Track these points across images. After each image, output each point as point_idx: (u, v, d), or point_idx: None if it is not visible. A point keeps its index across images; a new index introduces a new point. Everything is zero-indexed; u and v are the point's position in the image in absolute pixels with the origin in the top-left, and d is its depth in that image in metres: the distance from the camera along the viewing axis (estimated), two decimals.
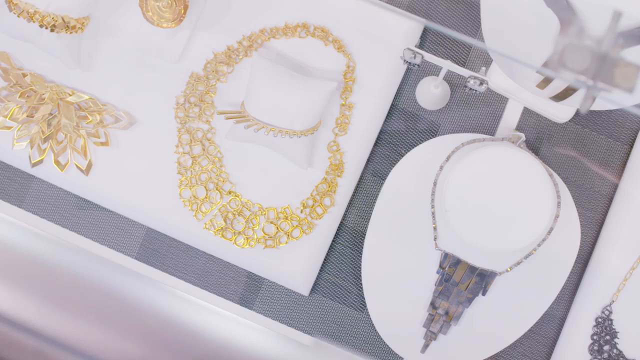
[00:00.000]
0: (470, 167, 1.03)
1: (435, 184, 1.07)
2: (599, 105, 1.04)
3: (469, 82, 1.02)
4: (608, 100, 1.00)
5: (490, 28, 1.02)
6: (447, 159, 1.07)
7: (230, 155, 1.13)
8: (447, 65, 1.02)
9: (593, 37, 0.84)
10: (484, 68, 1.02)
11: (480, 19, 1.04)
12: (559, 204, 1.05)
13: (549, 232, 1.05)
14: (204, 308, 1.12)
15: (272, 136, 1.07)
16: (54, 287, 1.07)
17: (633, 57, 0.96)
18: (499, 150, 1.04)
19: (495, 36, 1.02)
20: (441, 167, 1.07)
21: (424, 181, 1.09)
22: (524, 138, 1.10)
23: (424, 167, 1.10)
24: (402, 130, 1.16)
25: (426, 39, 1.17)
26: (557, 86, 1.04)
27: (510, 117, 1.16)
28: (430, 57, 1.02)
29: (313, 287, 1.14)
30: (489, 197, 1.03)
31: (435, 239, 1.07)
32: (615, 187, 1.15)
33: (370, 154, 1.15)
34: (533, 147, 1.15)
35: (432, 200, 1.07)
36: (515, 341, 1.12)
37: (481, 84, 1.02)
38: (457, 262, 1.07)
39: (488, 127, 1.16)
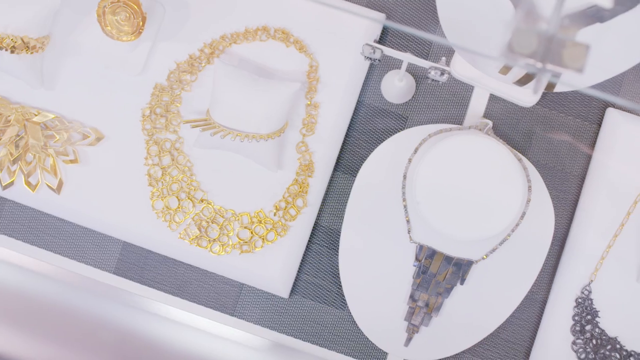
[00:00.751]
0: (438, 157, 1.03)
1: (405, 177, 1.07)
2: (562, 87, 1.04)
3: (430, 73, 1.02)
4: (563, 82, 1.00)
5: (447, 18, 1.02)
6: (415, 151, 1.07)
7: (200, 164, 1.13)
8: (407, 58, 1.03)
9: (546, 19, 0.84)
10: (444, 58, 1.02)
11: None
12: (529, 187, 1.05)
13: (522, 216, 1.05)
14: (181, 325, 1.12)
15: (239, 141, 1.07)
16: (26, 314, 1.07)
17: (588, 37, 0.97)
18: (465, 139, 1.04)
19: (453, 26, 1.02)
20: (410, 160, 1.07)
21: (394, 175, 1.09)
22: (490, 125, 1.10)
23: (393, 161, 1.10)
24: (370, 126, 1.16)
25: (388, 32, 1.17)
26: (518, 71, 1.04)
27: (477, 104, 1.16)
28: (389, 51, 1.02)
29: (292, 288, 1.14)
30: (459, 186, 1.03)
31: (409, 231, 1.07)
32: (586, 167, 1.15)
33: (340, 151, 1.15)
34: (502, 132, 1.16)
35: (403, 193, 1.07)
36: (498, 328, 1.12)
37: (442, 74, 1.02)
38: (433, 253, 1.07)
39: (456, 116, 1.16)
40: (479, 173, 1.03)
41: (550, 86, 1.05)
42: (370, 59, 1.04)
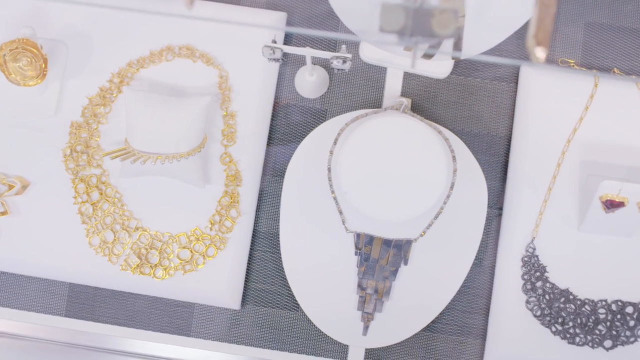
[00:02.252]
0: (357, 144, 1.04)
1: (329, 169, 1.07)
2: (467, 53, 1.05)
3: (332, 62, 1.02)
4: (467, 54, 1.00)
5: (339, 8, 1.02)
6: (335, 142, 1.07)
7: (129, 193, 1.13)
8: (307, 52, 1.03)
9: None
10: (343, 46, 1.02)
11: None
12: (454, 157, 1.06)
13: (452, 187, 1.05)
14: (143, 357, 1.12)
15: (161, 164, 1.07)
16: None
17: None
18: (382, 121, 1.04)
19: (347, 13, 1.03)
20: (331, 152, 1.07)
21: (320, 169, 1.09)
22: (406, 103, 1.11)
23: (316, 156, 1.10)
24: (291, 125, 1.16)
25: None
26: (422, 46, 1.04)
27: (393, 84, 1.16)
28: (289, 49, 1.02)
29: (243, 298, 1.14)
30: (384, 169, 1.03)
31: (343, 222, 1.07)
32: (510, 127, 1.15)
33: (265, 155, 1.15)
34: (422, 107, 1.16)
35: (331, 185, 1.07)
36: (453, 300, 1.12)
37: (344, 62, 1.02)
38: (371, 239, 1.07)
39: (374, 100, 1.16)
40: (401, 152, 1.03)
41: (455, 57, 1.06)
42: (274, 59, 1.04)
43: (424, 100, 1.16)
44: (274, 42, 1.02)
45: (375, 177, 1.03)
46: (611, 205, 1.04)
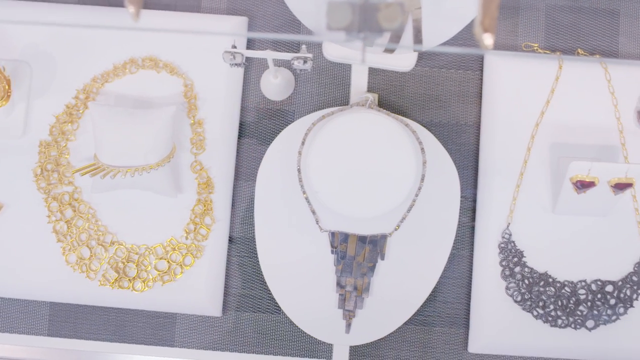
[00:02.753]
0: (325, 143, 1.04)
1: (299, 170, 1.07)
2: (427, 45, 1.05)
3: (293, 63, 1.02)
4: (428, 46, 1.00)
5: (295, 7, 1.02)
6: (302, 142, 1.07)
7: (102, 208, 1.12)
8: (268, 55, 1.03)
9: None
10: (304, 46, 1.02)
11: None
12: (422, 149, 1.06)
13: (422, 179, 1.05)
14: None
15: (131, 177, 1.07)
16: None
17: None
18: (348, 119, 1.04)
19: (303, 12, 1.03)
20: (299, 153, 1.07)
21: (291, 170, 1.09)
22: (372, 98, 1.11)
23: (286, 157, 1.10)
24: (260, 128, 1.16)
25: (255, 32, 1.18)
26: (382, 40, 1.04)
27: (359, 81, 1.16)
28: (250, 53, 1.02)
29: (224, 305, 1.14)
30: (353, 166, 1.03)
31: (317, 222, 1.07)
32: (479, 115, 1.15)
33: (237, 160, 1.15)
34: (389, 102, 1.16)
35: (302, 186, 1.07)
36: (433, 291, 1.12)
37: (305, 62, 1.02)
38: (346, 237, 1.07)
39: (341, 97, 1.16)
40: (369, 148, 1.03)
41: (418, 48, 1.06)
42: (236, 64, 1.04)
43: (391, 95, 1.16)
44: (234, 47, 1.02)
45: (344, 175, 1.03)
46: (582, 185, 1.05)
